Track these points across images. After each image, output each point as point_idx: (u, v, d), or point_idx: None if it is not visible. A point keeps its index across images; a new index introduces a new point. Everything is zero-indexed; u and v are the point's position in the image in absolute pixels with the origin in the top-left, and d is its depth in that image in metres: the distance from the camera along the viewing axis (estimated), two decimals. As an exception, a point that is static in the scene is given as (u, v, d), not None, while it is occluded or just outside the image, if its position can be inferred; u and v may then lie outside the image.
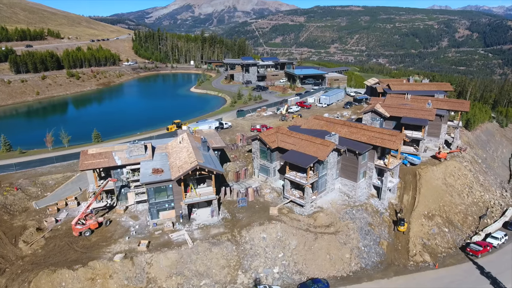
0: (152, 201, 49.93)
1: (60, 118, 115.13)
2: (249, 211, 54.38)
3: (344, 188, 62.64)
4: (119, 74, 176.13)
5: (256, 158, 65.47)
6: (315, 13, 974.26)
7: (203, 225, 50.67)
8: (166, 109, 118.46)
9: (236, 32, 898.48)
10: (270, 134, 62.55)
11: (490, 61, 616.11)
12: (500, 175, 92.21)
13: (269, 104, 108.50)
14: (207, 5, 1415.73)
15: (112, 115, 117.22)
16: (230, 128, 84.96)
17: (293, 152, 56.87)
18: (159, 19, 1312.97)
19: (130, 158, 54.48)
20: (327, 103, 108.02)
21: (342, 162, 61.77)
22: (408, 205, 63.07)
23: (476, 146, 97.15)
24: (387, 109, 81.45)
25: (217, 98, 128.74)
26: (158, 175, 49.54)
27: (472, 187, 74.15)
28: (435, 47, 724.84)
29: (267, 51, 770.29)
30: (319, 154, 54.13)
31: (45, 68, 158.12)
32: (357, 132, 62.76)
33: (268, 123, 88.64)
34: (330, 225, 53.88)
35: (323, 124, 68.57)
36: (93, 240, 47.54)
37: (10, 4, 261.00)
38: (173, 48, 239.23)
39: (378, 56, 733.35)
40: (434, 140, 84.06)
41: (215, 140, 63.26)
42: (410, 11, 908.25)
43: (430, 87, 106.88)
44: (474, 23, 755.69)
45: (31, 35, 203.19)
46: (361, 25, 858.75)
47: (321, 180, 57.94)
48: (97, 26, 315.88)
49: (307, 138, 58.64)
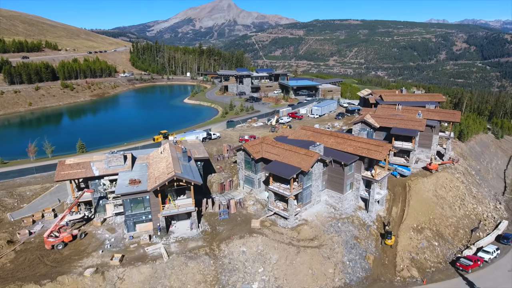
0: (129, 213, 48.28)
1: (49, 129, 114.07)
2: (230, 224, 52.63)
3: (331, 200, 60.96)
4: (114, 86, 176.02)
5: (241, 169, 64.03)
6: (314, 26, 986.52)
7: (181, 238, 48.88)
8: (158, 120, 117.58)
9: (236, 45, 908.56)
10: (254, 144, 61.24)
11: (488, 73, 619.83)
12: (495, 187, 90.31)
13: (260, 115, 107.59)
14: (208, 18, 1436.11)
15: (102, 125, 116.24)
16: (219, 139, 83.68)
17: (276, 162, 55.49)
18: (160, 32, 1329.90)
19: (108, 168, 53.10)
20: (319, 114, 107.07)
21: (329, 173, 60.26)
22: (397, 218, 61.19)
23: (469, 158, 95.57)
24: (377, 119, 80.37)
25: (210, 109, 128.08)
26: (135, 186, 48.05)
27: (464, 199, 72.31)
28: (433, 60, 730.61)
29: (267, 64, 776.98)
30: (302, 164, 52.75)
31: (39, 79, 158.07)
32: (344, 143, 61.40)
33: (257, 134, 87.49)
34: (314, 239, 52.02)
35: (310, 134, 67.31)
36: (65, 254, 45.73)
37: (10, 16, 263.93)
38: (170, 60, 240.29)
39: (377, 68, 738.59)
40: (426, 151, 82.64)
41: (198, 150, 61.95)
42: (408, 25, 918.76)
43: (423, 98, 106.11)
44: (472, 37, 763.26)
45: (28, 47, 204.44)
46: (359, 38, 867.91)
47: (305, 192, 56.31)
48: (96, 38, 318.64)
49: (291, 148, 57.33)
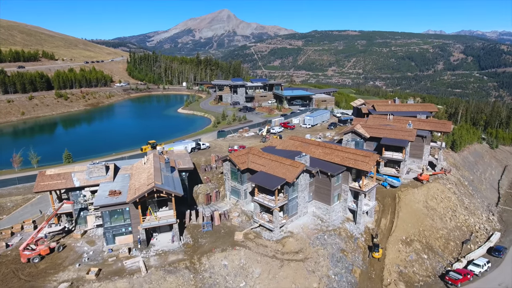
0: (108, 225, 47.15)
1: (39, 138, 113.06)
2: (213, 236, 51.43)
3: (318, 211, 59.88)
4: (109, 95, 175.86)
5: (227, 180, 63.07)
6: (313, 37, 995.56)
7: (161, 251, 47.61)
8: (150, 129, 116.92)
9: (235, 55, 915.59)
10: (240, 155, 60.40)
11: (486, 83, 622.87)
12: (488, 197, 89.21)
13: (252, 125, 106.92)
14: (208, 29, 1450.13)
15: (93, 135, 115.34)
16: (208, 149, 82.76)
17: (261, 173, 54.62)
18: (160, 42, 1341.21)
19: (89, 179, 52.11)
20: (312, 124, 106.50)
21: (316, 184, 59.33)
22: (385, 230, 59.97)
23: (462, 168, 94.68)
24: (368, 129, 79.77)
25: (203, 118, 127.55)
26: (115, 197, 47.02)
27: (455, 210, 71.20)
28: (430, 70, 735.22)
29: (266, 74, 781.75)
30: (287, 175, 51.86)
31: (34, 88, 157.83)
32: (331, 153, 60.62)
33: (248, 144, 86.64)
34: (299, 252, 50.77)
35: (298, 144, 66.56)
36: (41, 267, 44.41)
37: (8, 27, 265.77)
38: (167, 69, 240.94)
39: (375, 78, 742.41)
40: (417, 161, 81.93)
41: (184, 161, 61.04)
42: (405, 36, 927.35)
43: (415, 107, 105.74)
44: (468, 47, 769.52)
45: (25, 57, 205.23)
46: (357, 48, 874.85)
47: (291, 203, 55.26)
48: (94, 48, 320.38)
49: (277, 159, 56.48)
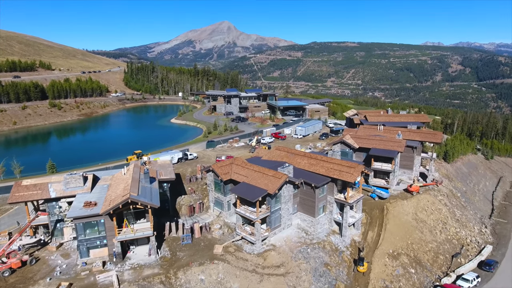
0: (82, 238, 45.74)
1: (27, 148, 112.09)
2: (192, 249, 49.89)
3: (303, 223, 58.39)
4: (104, 105, 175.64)
5: (211, 191, 61.82)
6: (312, 48, 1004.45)
7: (137, 264, 46.05)
8: (141, 139, 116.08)
9: (235, 66, 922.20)
10: (224, 165, 59.27)
11: (484, 94, 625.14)
12: (481, 209, 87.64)
13: (243, 135, 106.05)
14: (208, 40, 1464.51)
15: (83, 145, 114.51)
16: (196, 159, 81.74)
17: (243, 184, 53.40)
18: (161, 53, 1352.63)
19: (66, 190, 50.89)
20: (303, 134, 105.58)
21: (300, 196, 57.99)
22: (372, 243, 58.37)
23: (455, 179, 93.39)
24: (357, 140, 78.72)
25: (195, 129, 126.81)
26: (89, 208, 45.76)
27: (446, 222, 69.62)
28: (429, 81, 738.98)
29: (265, 85, 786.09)
30: (269, 187, 50.60)
31: (28, 98, 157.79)
32: (316, 164, 59.43)
33: (237, 154, 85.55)
34: (280, 266, 49.16)
35: (284, 155, 65.44)
36: (10, 282, 42.82)
37: (7, 37, 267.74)
38: (163, 80, 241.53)
39: (374, 89, 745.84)
40: (408, 172, 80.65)
41: (166, 171, 59.89)
42: (404, 47, 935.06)
43: (407, 118, 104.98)
44: (466, 59, 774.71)
45: (22, 67, 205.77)
46: (356, 60, 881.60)
47: (274, 215, 53.86)
48: (92, 58, 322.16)
49: (260, 169, 55.31)
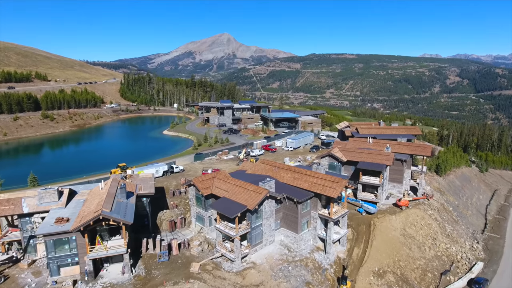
0: (52, 255, 44.11)
1: (13, 160, 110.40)
2: (168, 267, 48.18)
3: (287, 240, 56.74)
4: (97, 116, 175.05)
5: (192, 205, 60.36)
6: (311, 60, 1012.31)
7: (109, 284, 44.31)
8: (130, 151, 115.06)
9: (235, 77, 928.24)
10: (205, 179, 57.94)
11: (482, 106, 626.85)
12: (474, 224, 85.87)
13: (233, 148, 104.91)
14: (208, 52, 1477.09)
15: (71, 157, 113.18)
16: (182, 173, 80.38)
17: (224, 199, 52.00)
18: (161, 64, 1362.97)
19: (40, 205, 49.49)
20: (294, 147, 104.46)
21: (283, 211, 56.51)
22: (357, 260, 56.61)
23: (447, 193, 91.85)
24: (345, 153, 77.59)
25: (187, 140, 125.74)
26: (61, 225, 44.27)
27: (436, 238, 67.91)
28: (427, 93, 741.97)
29: (264, 96, 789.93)
30: (249, 202, 49.23)
31: (20, 109, 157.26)
32: (300, 178, 58.17)
33: (224, 167, 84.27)
34: (260, 285, 47.36)
35: (268, 169, 64.20)
36: (-26, 302, 41.21)
37: (4, 48, 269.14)
38: (159, 91, 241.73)
39: (373, 101, 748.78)
40: (398, 186, 79.23)
41: (146, 185, 58.52)
42: (402, 59, 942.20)
43: (399, 130, 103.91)
44: (464, 70, 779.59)
45: (17, 77, 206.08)
46: (355, 71, 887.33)
47: (255, 232, 52.29)
48: (90, 70, 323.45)
49: (241, 184, 53.96)
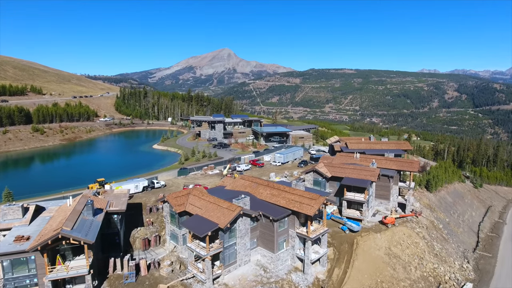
0: (9, 276, 41.80)
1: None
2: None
3: (263, 259, 54.31)
4: (89, 130, 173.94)
5: (167, 223, 58.21)
6: (310, 75, 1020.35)
7: (69, 307, 41.94)
8: (115, 165, 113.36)
9: (234, 92, 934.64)
10: (180, 196, 55.97)
11: (481, 120, 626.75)
12: (465, 242, 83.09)
13: (221, 162, 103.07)
14: (208, 66, 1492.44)
15: (55, 171, 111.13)
16: (163, 188, 78.33)
17: (196, 217, 49.96)
18: (161, 79, 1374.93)
19: (2, 222, 47.49)
20: (282, 162, 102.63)
21: (260, 229, 54.27)
22: (337, 282, 54.00)
23: (438, 209, 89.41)
24: (331, 168, 75.84)
25: (176, 155, 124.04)
26: (20, 243, 42.14)
27: (423, 258, 65.28)
28: (426, 107, 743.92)
29: (264, 110, 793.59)
30: (221, 220, 47.17)
31: (11, 122, 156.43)
32: (278, 195, 56.12)
33: (208, 183, 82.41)
34: (230, 308, 44.88)
35: (248, 184, 62.27)
36: None
37: (1, 62, 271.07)
38: (154, 105, 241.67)
39: (372, 115, 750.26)
40: (385, 203, 77.06)
41: (118, 202, 56.47)
42: (400, 74, 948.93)
43: (389, 145, 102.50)
44: (462, 86, 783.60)
45: (11, 91, 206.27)
46: (354, 86, 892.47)
47: (228, 251, 49.95)
48: (87, 83, 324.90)
49: (215, 201, 51.95)
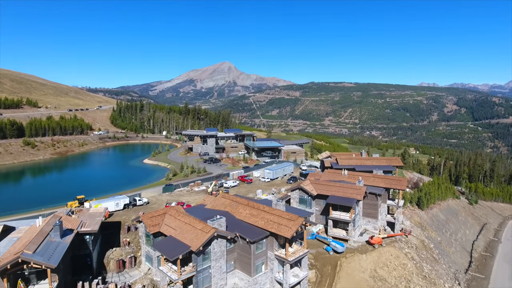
0: (-34, 303, 39.78)
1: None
2: (100, 316, 43.57)
3: (241, 283, 52.05)
4: (82, 143, 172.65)
5: (142, 244, 56.20)
6: (310, 88, 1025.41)
7: (28, 336, 39.70)
8: (102, 180, 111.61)
9: (235, 104, 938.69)
10: (155, 215, 54.07)
11: (480, 134, 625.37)
12: (457, 262, 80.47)
13: (209, 178, 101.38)
14: (209, 80, 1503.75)
15: (39, 186, 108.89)
16: (146, 205, 76.45)
17: (169, 239, 48.10)
18: (162, 91, 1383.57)
19: (-35, 244, 45.66)
20: (271, 178, 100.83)
21: (238, 252, 52.19)
22: (317, 307, 51.66)
23: (429, 228, 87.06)
24: (317, 186, 73.97)
25: (165, 170, 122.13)
26: (-21, 268, 40.16)
27: (410, 280, 62.74)
28: (425, 121, 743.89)
29: (264, 123, 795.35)
30: (194, 242, 45.25)
31: (3, 136, 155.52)
32: (257, 215, 54.24)
33: (193, 200, 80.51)
34: (200, 337, 42.51)
35: (228, 203, 60.43)
36: None
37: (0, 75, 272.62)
38: (150, 118, 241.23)
39: (371, 128, 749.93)
40: (373, 221, 74.93)
41: (91, 222, 54.62)
42: (399, 88, 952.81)
43: (380, 161, 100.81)
44: (461, 99, 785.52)
45: (6, 104, 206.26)
46: (353, 99, 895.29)
47: (202, 275, 47.77)
48: (85, 96, 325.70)
49: (190, 221, 50.07)
